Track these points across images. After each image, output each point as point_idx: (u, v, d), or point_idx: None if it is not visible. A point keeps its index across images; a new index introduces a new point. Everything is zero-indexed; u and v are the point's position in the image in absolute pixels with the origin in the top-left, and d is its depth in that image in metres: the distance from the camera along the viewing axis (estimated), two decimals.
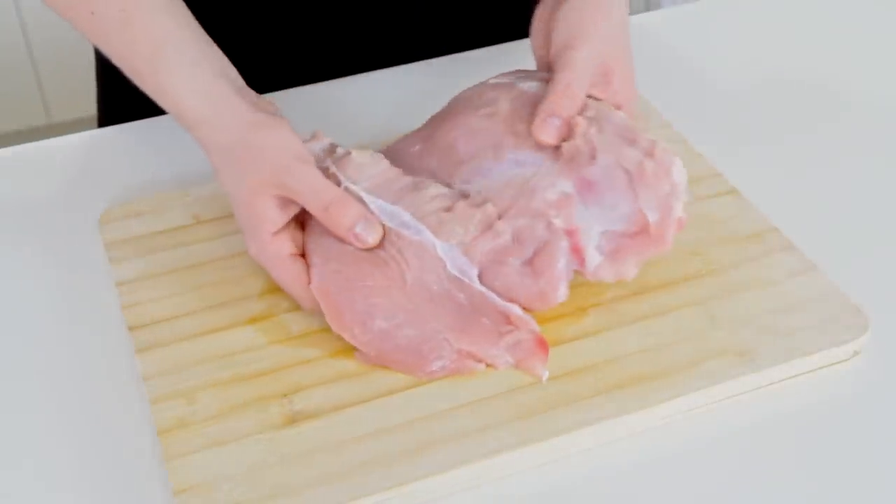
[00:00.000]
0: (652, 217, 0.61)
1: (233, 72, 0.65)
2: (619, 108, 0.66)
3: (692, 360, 0.60)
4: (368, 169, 0.65)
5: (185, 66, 0.63)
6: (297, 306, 0.64)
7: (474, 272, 0.62)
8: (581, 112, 0.64)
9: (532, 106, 0.65)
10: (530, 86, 0.67)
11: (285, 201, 0.62)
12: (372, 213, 0.63)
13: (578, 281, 0.64)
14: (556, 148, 0.64)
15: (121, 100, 0.91)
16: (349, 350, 0.61)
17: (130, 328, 0.63)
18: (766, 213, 0.70)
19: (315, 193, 0.61)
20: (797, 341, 0.61)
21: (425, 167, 0.67)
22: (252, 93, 0.65)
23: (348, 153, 0.65)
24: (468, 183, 0.65)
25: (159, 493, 0.56)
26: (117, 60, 0.66)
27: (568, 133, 0.63)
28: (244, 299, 0.65)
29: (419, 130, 0.70)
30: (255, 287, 0.66)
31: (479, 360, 0.60)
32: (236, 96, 0.63)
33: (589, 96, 0.65)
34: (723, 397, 0.60)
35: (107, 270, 0.68)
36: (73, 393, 0.61)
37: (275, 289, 0.65)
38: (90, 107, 0.99)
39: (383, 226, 0.63)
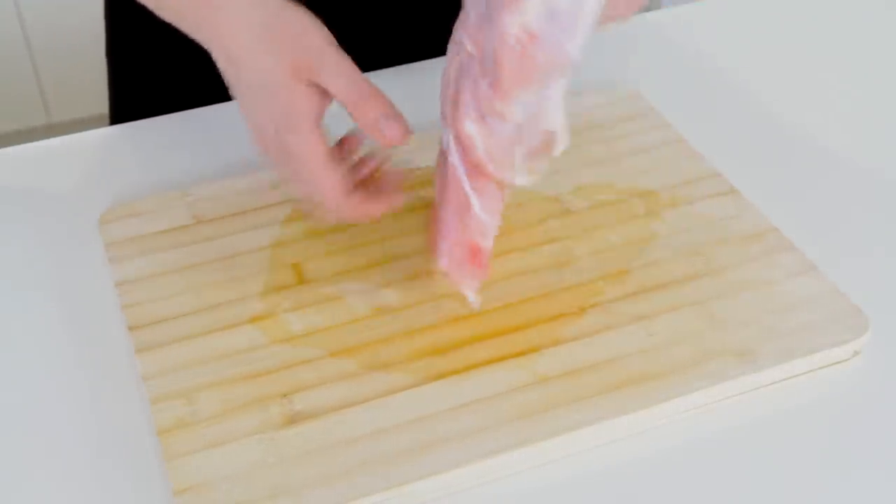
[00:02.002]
0: None
1: None
2: None
3: (692, 360, 0.60)
4: None
5: None
6: (297, 306, 0.64)
7: (450, 138, 0.59)
8: None
9: None
10: None
11: (321, 91, 0.59)
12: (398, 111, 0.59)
13: (579, 281, 0.64)
14: None
15: (133, 97, 0.90)
16: (349, 350, 0.61)
17: (130, 328, 0.63)
18: (766, 213, 0.70)
19: (351, 83, 0.59)
20: (797, 341, 0.61)
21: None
22: None
23: None
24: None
25: (159, 493, 0.56)
26: None
27: None
28: (244, 299, 0.65)
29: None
30: (255, 287, 0.66)
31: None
32: None
33: None
34: (723, 397, 0.60)
35: (107, 270, 0.68)
36: (73, 393, 0.61)
37: (275, 289, 0.65)
38: (90, 107, 0.99)
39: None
